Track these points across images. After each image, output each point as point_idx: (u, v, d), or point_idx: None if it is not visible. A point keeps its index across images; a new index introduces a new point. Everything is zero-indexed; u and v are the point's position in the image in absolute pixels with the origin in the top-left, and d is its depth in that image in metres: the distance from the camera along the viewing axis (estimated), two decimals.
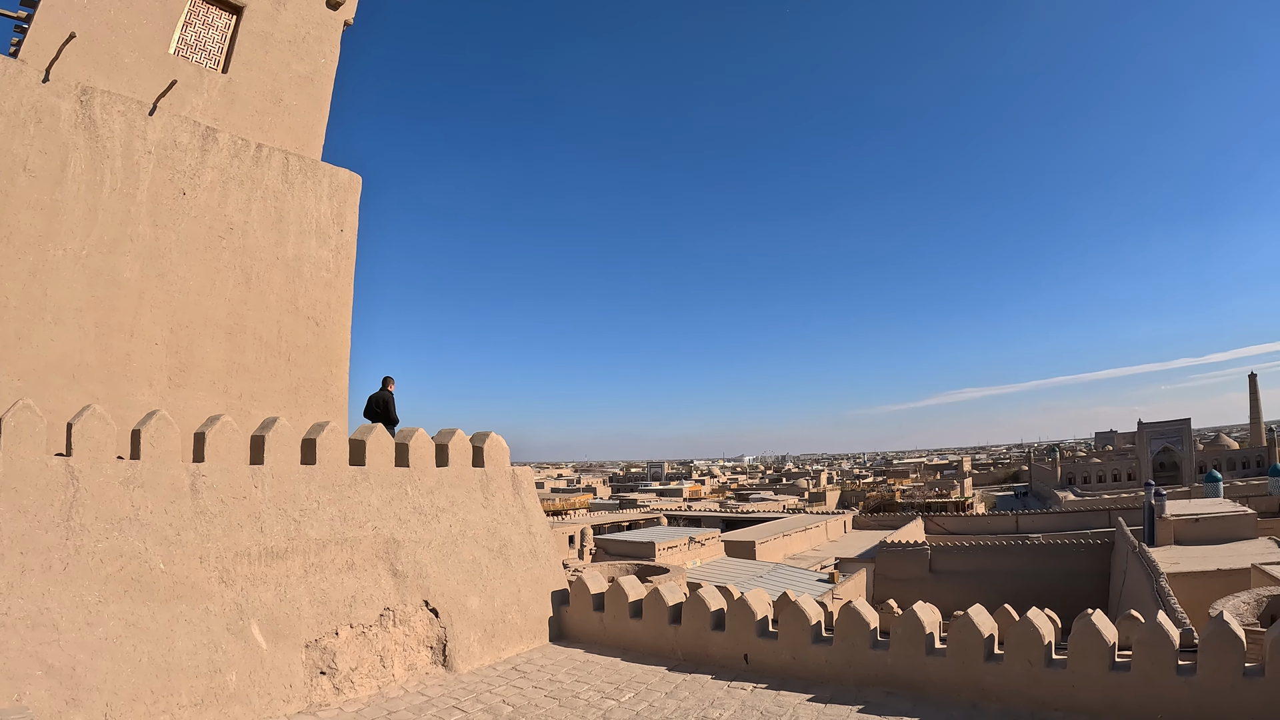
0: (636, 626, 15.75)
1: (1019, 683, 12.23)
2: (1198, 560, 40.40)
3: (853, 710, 12.04)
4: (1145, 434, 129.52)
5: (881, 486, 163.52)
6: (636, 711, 11.92)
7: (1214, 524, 48.04)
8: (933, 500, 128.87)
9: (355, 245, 21.01)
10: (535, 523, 17.95)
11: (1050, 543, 52.58)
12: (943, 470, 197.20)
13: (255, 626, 11.71)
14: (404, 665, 13.48)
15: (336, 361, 20.21)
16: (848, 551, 58.29)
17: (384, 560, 13.95)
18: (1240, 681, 11.01)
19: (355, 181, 21.43)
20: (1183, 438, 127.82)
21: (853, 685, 13.21)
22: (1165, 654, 11.44)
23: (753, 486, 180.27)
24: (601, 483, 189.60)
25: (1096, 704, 11.69)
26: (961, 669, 12.63)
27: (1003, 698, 12.29)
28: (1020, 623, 12.47)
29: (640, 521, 78.82)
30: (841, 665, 13.49)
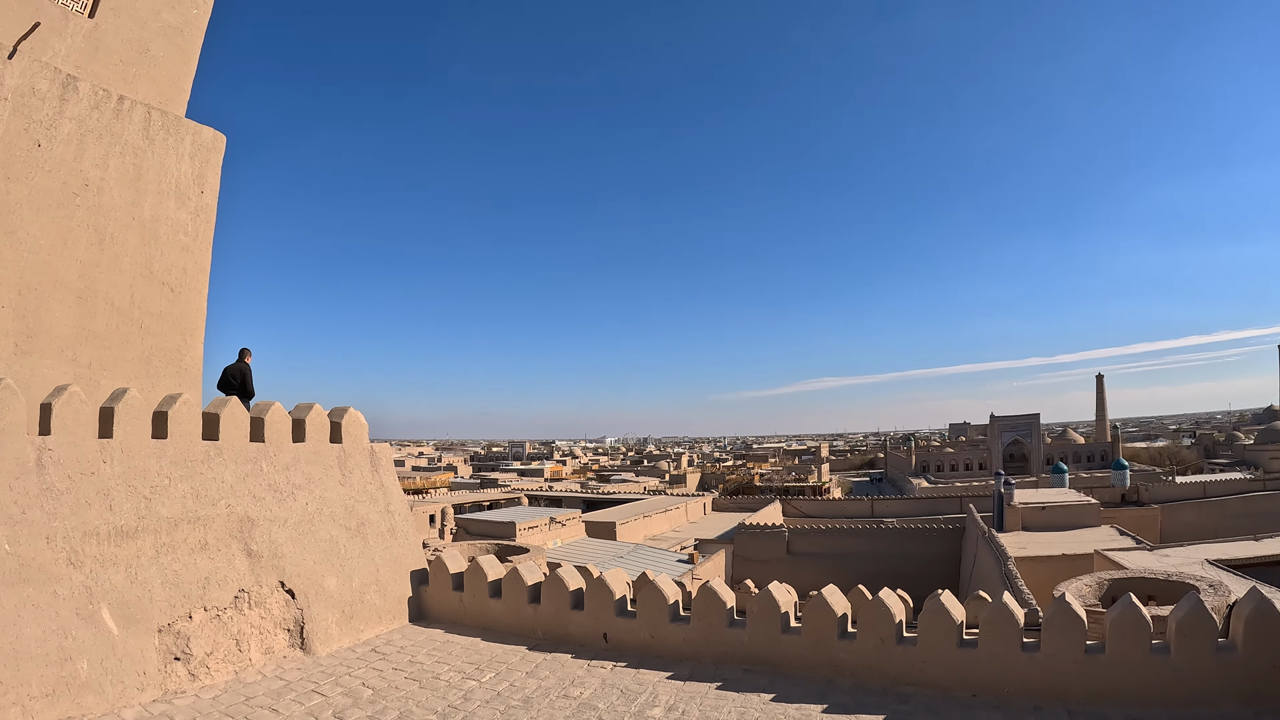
0: (496, 606, 15.63)
1: (872, 659, 12.53)
2: (1044, 545, 42.04)
3: (711, 687, 12.16)
4: (997, 426, 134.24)
5: (741, 470, 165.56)
6: (497, 691, 11.83)
7: (1060, 512, 50.10)
8: (791, 484, 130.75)
9: (215, 209, 20.14)
10: (394, 501, 17.60)
11: (904, 527, 53.87)
12: (801, 456, 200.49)
13: (106, 611, 11.20)
14: (261, 649, 13.05)
15: (191, 330, 19.39)
16: (707, 533, 58.73)
17: (238, 540, 13.48)
18: (1082, 658, 11.55)
19: (219, 141, 20.47)
20: (1032, 431, 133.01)
21: (711, 663, 13.35)
22: (1011, 632, 11.89)
23: (614, 468, 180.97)
24: (463, 462, 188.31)
25: (946, 679, 12.07)
26: (816, 646, 12.88)
27: (856, 674, 12.56)
28: (872, 602, 12.77)
29: (501, 501, 78.47)
30: (700, 643, 13.64)
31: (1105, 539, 44.47)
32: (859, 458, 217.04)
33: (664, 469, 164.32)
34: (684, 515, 66.21)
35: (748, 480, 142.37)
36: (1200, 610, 11.38)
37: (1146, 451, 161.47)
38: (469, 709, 11.15)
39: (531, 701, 11.43)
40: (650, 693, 11.86)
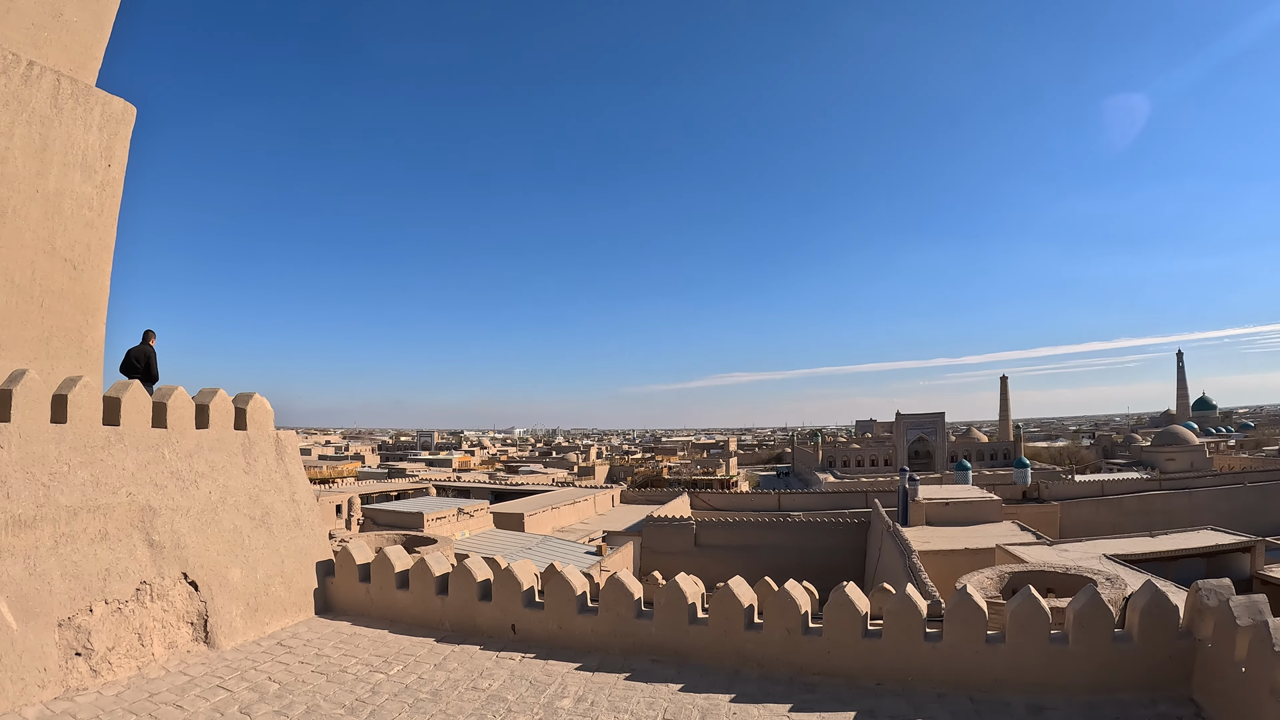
0: (404, 598, 15.49)
1: (778, 649, 12.71)
2: (948, 540, 42.70)
3: (619, 677, 12.20)
4: (902, 424, 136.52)
5: (650, 463, 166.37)
6: (405, 684, 11.72)
7: (963, 508, 50.98)
8: (699, 477, 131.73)
9: (122, 183, 19.43)
10: (299, 490, 17.29)
11: (811, 521, 54.52)
12: (710, 449, 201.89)
13: (4, 604, 10.82)
14: (164, 643, 12.69)
15: (94, 310, 18.69)
16: (615, 525, 58.77)
17: (140, 529, 13.10)
18: (983, 647, 11.88)
19: (129, 113, 19.69)
20: (937, 429, 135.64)
21: (619, 654, 13.40)
22: (914, 622, 12.17)
23: (523, 459, 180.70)
24: (370, 451, 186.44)
25: (852, 668, 12.29)
26: (724, 637, 13.01)
27: (763, 664, 12.72)
28: (778, 594, 12.94)
29: (409, 491, 77.63)
30: (607, 634, 13.67)
31: (1007, 534, 45.39)
32: (767, 452, 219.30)
33: (573, 461, 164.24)
34: (592, 507, 66.17)
35: (656, 473, 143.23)
36: (1097, 602, 11.77)
37: (1047, 451, 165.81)
38: (377, 702, 11.02)
39: (440, 694, 11.34)
40: (559, 684, 11.85)
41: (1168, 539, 46.75)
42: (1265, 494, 73.43)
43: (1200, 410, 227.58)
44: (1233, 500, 71.81)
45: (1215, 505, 68.67)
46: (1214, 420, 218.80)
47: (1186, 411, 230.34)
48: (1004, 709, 11.09)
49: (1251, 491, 73.83)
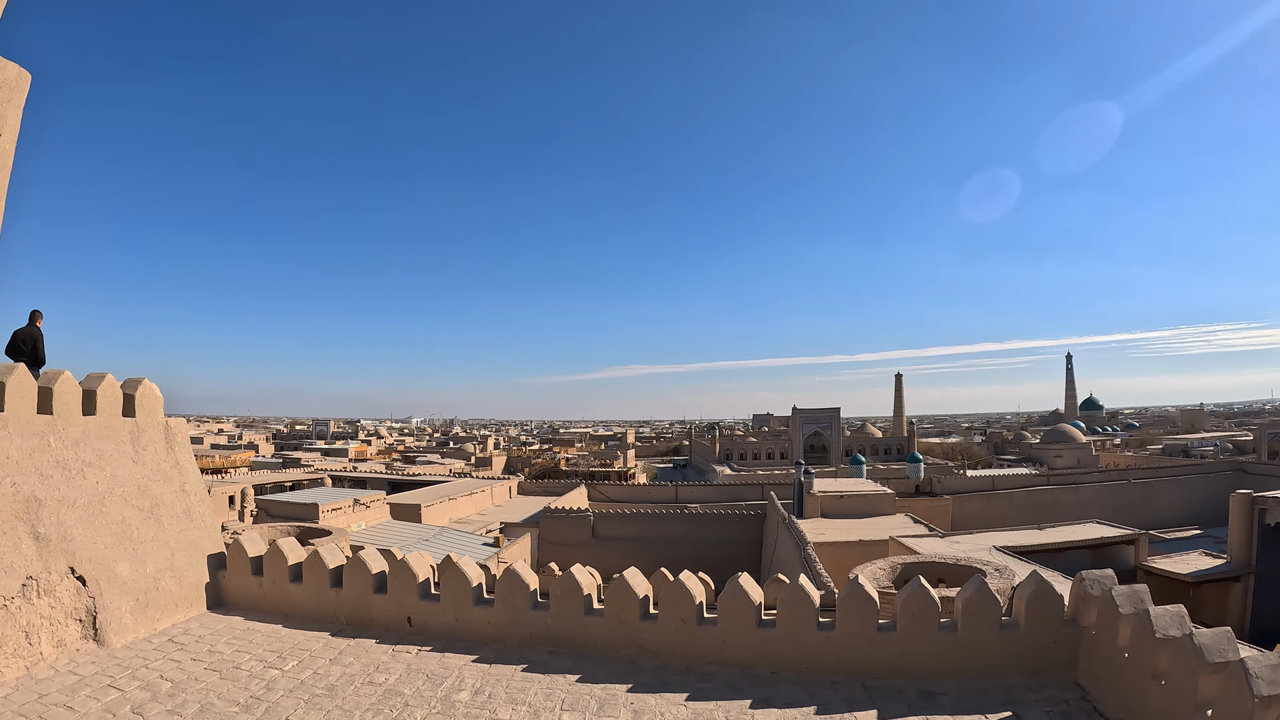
0: (298, 591, 15.27)
1: (674, 639, 12.86)
2: (842, 532, 43.41)
3: (517, 669, 12.21)
4: (799, 418, 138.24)
5: (548, 454, 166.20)
6: (301, 680, 11.58)
7: (857, 501, 51.92)
8: (597, 469, 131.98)
9: (13, 154, 18.61)
10: (190, 480, 16.91)
11: (708, 513, 54.87)
12: (608, 441, 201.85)
13: None
14: (52, 641, 12.26)
15: None
16: (513, 516, 58.65)
17: (24, 521, 12.64)
18: (875, 635, 12.21)
19: (23, 79, 18.75)
20: (832, 424, 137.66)
21: (516, 645, 13.41)
22: (807, 612, 12.45)
23: (420, 449, 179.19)
24: (265, 440, 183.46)
25: (746, 657, 12.51)
26: (620, 628, 13.12)
27: (659, 654, 12.86)
28: (673, 584, 13.09)
29: (304, 482, 76.58)
30: (504, 626, 13.68)
31: (900, 526, 46.27)
32: (664, 444, 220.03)
33: (470, 451, 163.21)
34: (490, 498, 65.92)
35: (554, 464, 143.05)
36: (985, 591, 12.18)
37: (940, 446, 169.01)
38: (272, 699, 10.87)
39: (336, 689, 11.22)
40: (456, 676, 11.82)
41: (1055, 532, 48.35)
42: (1148, 490, 76.43)
43: (1088, 410, 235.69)
44: (1117, 495, 74.50)
45: (1101, 500, 71.31)
46: (1100, 420, 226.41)
47: (1074, 411, 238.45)
48: (896, 695, 11.35)
49: (1135, 487, 76.75)
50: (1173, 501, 76.65)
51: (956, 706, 11.01)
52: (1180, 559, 51.93)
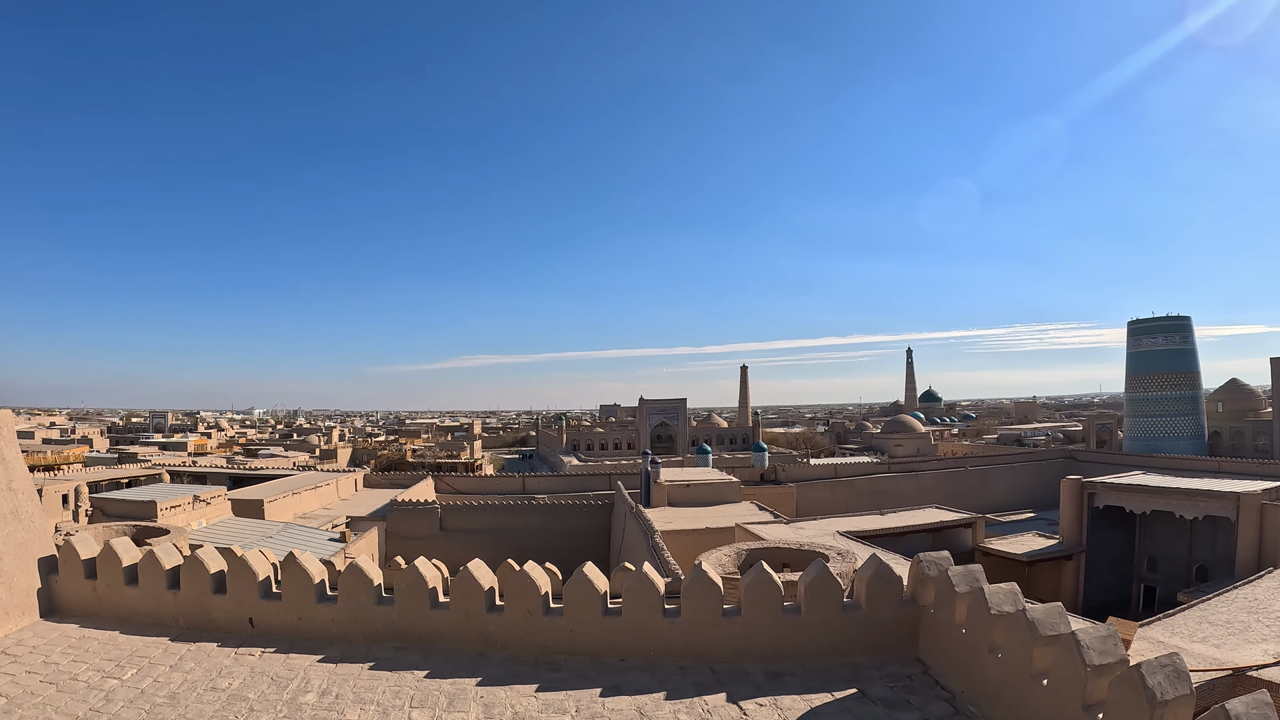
0: (134, 594, 14.69)
1: (521, 630, 12.89)
2: (689, 520, 44.13)
3: (363, 667, 12.05)
4: (646, 409, 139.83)
5: (394, 446, 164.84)
6: (141, 689, 11.18)
7: (704, 489, 52.85)
8: (444, 460, 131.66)
9: None
10: (18, 478, 16.17)
11: (556, 503, 55.14)
12: (454, 432, 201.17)
13: None
14: None
15: None
16: (359, 510, 57.80)
17: None
18: (721, 620, 12.47)
19: None
20: (679, 414, 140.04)
21: (362, 642, 13.24)
22: (652, 599, 12.63)
23: (262, 441, 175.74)
24: (99, 434, 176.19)
25: (595, 646, 12.65)
26: (466, 620, 13.09)
27: (507, 645, 12.88)
28: (518, 575, 13.12)
29: (142, 479, 73.99)
30: (349, 623, 13.49)
31: (746, 514, 47.23)
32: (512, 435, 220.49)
33: (315, 443, 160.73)
34: (335, 492, 64.83)
35: (400, 456, 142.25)
36: (825, 574, 12.62)
37: (785, 436, 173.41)
38: (112, 710, 10.50)
39: (178, 697, 10.89)
40: (302, 678, 11.59)
41: (897, 517, 50.27)
42: (984, 477, 80.00)
43: (927, 402, 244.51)
44: (956, 482, 77.77)
45: (939, 486, 74.30)
46: (939, 411, 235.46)
47: (914, 402, 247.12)
48: (744, 678, 11.60)
49: (973, 474, 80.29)
50: (1008, 487, 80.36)
51: (803, 686, 11.32)
52: (1016, 540, 54.67)
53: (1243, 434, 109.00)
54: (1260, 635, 22.12)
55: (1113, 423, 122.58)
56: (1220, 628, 23.03)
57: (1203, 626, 23.23)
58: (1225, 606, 25.18)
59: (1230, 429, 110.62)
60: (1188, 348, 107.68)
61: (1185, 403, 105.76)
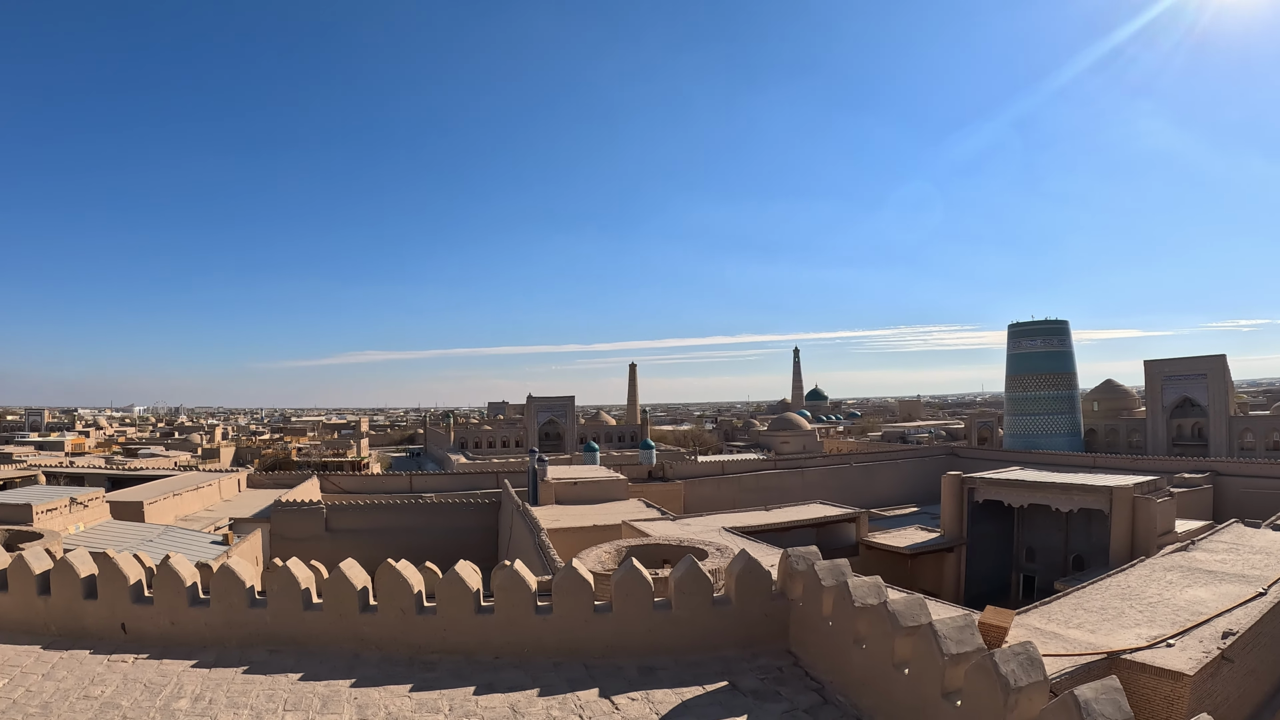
0: (4, 601, 14.35)
1: (395, 630, 12.96)
2: (577, 518, 44.46)
3: (237, 672, 12.00)
4: (534, 406, 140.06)
5: (278, 444, 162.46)
6: (13, 699, 11.00)
7: (591, 487, 53.33)
8: (330, 459, 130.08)
9: None
10: None
11: (443, 502, 54.93)
12: (341, 430, 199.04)
13: None
14: None
15: None
16: (243, 511, 56.83)
17: None
18: (593, 616, 12.74)
19: None
20: (567, 412, 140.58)
21: (236, 646, 13.13)
22: (524, 596, 12.83)
23: (143, 440, 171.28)
24: None
25: (468, 644, 12.77)
26: (340, 621, 13.10)
27: (382, 645, 12.93)
28: (390, 574, 13.17)
29: (16, 480, 71.80)
30: (222, 627, 13.37)
31: (633, 511, 47.66)
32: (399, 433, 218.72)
33: (196, 442, 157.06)
34: (218, 493, 63.58)
35: (285, 455, 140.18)
36: (694, 570, 12.98)
37: (673, 434, 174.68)
38: None
39: (50, 707, 10.74)
40: (175, 684, 11.49)
41: (782, 512, 51.22)
42: (868, 473, 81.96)
43: (813, 400, 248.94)
44: (841, 478, 79.44)
45: (825, 482, 75.80)
46: (825, 409, 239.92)
47: (801, 401, 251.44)
48: (617, 673, 11.86)
49: (856, 470, 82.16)
50: (892, 483, 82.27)
51: (675, 680, 11.62)
52: (899, 534, 56.09)
53: (1117, 431, 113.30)
54: (1133, 620, 22.93)
55: (993, 420, 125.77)
56: (1095, 614, 23.81)
57: (1078, 613, 23.99)
58: (1099, 594, 26.03)
59: (1106, 426, 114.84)
60: (1065, 350, 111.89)
61: (1063, 402, 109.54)
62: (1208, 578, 27.17)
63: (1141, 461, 78.18)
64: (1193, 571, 28.17)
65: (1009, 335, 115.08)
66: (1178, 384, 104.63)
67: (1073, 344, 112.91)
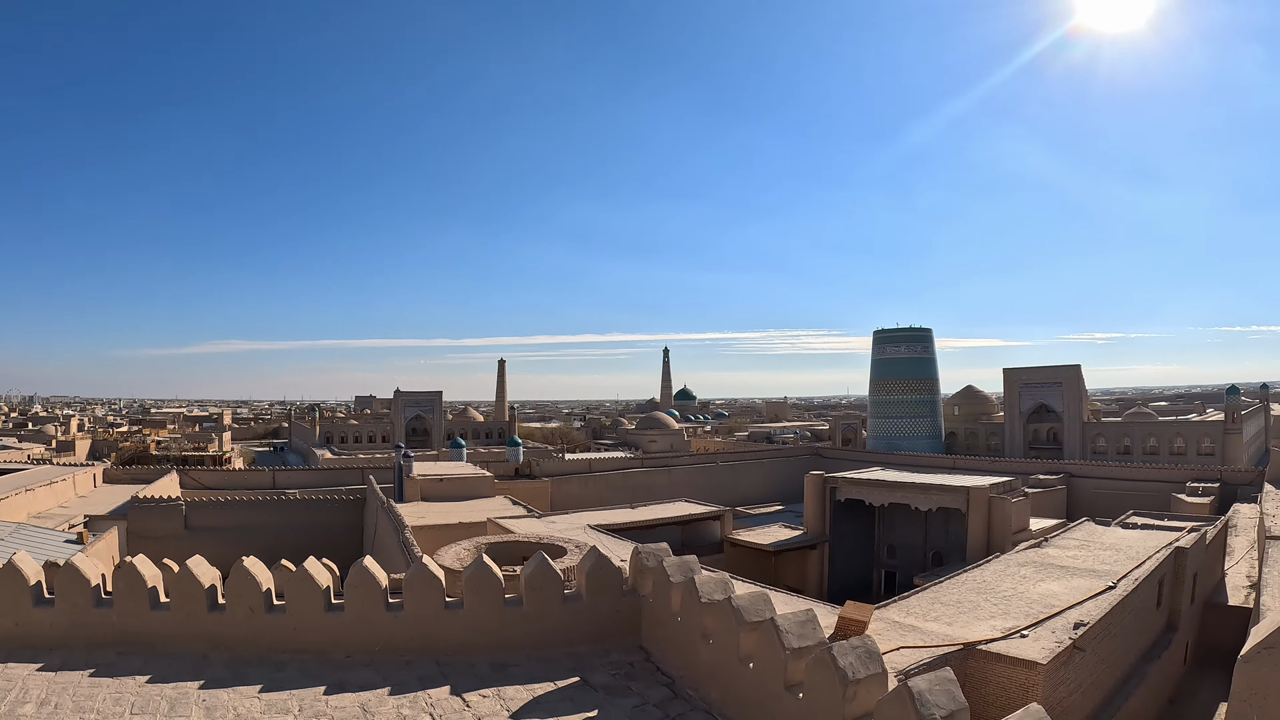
0: None
1: (244, 630, 12.84)
2: (443, 515, 44.48)
3: (84, 675, 11.78)
4: (401, 401, 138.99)
5: (136, 437, 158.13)
6: None
7: (458, 484, 53.42)
8: (190, 453, 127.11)
9: None
10: None
11: (308, 499, 54.13)
12: (202, 422, 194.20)
13: None
14: None
15: None
16: (99, 508, 55.03)
17: None
18: (444, 613, 12.87)
19: None
20: (434, 407, 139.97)
21: (83, 648, 12.81)
22: (374, 593, 12.85)
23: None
24: None
25: (320, 643, 12.73)
26: (188, 621, 12.91)
27: (231, 646, 12.79)
28: (239, 572, 13.08)
29: None
30: (68, 628, 13.04)
31: (499, 508, 47.75)
32: (263, 427, 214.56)
33: (50, 434, 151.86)
34: (73, 488, 61.52)
35: (144, 448, 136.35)
36: (545, 566, 13.24)
37: (541, 431, 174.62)
38: None
39: None
40: (20, 689, 11.22)
41: (648, 510, 52.06)
42: (734, 471, 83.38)
43: (681, 400, 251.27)
44: (706, 476, 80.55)
45: (691, 481, 76.80)
46: (693, 409, 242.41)
47: (669, 400, 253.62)
48: (469, 670, 11.99)
49: (723, 469, 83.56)
50: (757, 482, 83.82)
51: (527, 676, 11.80)
52: (763, 531, 57.40)
53: (977, 435, 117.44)
54: (989, 613, 23.86)
55: (857, 423, 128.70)
56: (952, 607, 24.70)
57: (936, 606, 24.84)
58: (957, 588, 26.99)
59: (966, 430, 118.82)
60: (928, 356, 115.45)
61: (924, 406, 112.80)
62: (1060, 573, 28.42)
63: (999, 463, 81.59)
64: (1046, 567, 29.42)
65: (874, 341, 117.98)
66: (1035, 391, 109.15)
67: (935, 351, 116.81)
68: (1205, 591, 33.79)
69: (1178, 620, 28.99)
